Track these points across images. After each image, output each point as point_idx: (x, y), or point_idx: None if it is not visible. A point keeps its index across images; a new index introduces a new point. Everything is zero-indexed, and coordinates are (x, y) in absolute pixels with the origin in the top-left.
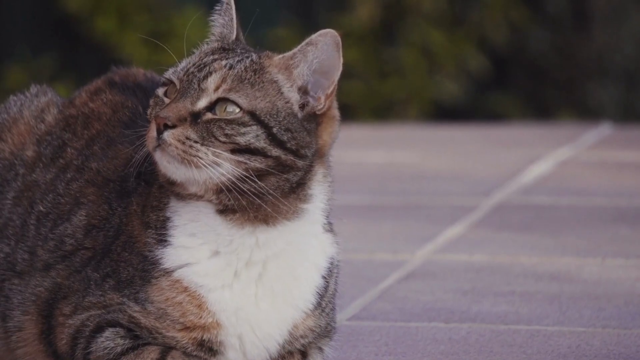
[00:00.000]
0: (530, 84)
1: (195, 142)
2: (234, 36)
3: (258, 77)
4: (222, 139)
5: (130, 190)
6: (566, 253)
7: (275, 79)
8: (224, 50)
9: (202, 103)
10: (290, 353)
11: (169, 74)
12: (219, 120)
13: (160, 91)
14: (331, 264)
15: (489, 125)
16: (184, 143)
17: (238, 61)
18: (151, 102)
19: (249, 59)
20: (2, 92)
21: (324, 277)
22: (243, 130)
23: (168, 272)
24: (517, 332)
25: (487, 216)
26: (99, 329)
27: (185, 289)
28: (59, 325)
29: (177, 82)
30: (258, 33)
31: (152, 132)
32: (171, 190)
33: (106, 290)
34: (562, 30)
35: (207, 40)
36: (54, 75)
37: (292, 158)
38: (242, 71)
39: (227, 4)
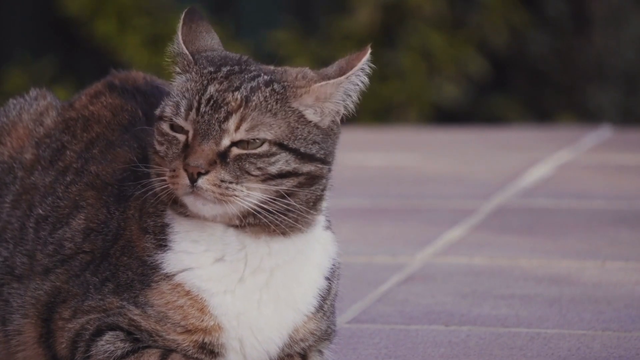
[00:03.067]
0: (530, 87)
1: (230, 182)
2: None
3: (280, 107)
4: (255, 172)
5: (128, 195)
6: (566, 256)
7: (299, 108)
8: (227, 76)
9: (226, 142)
10: (290, 356)
11: (174, 117)
12: (248, 155)
13: (164, 127)
14: (334, 264)
15: (488, 128)
16: (219, 186)
17: (252, 89)
18: (162, 139)
19: (269, 87)
20: (1, 95)
21: (327, 279)
22: (273, 159)
23: (169, 276)
24: (517, 335)
25: (487, 219)
26: (99, 333)
27: (187, 293)
28: (59, 329)
29: (189, 126)
30: (258, 35)
31: (184, 179)
32: (178, 211)
33: (105, 294)
34: (562, 34)
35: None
36: (54, 78)
37: (320, 166)
38: (262, 101)
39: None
